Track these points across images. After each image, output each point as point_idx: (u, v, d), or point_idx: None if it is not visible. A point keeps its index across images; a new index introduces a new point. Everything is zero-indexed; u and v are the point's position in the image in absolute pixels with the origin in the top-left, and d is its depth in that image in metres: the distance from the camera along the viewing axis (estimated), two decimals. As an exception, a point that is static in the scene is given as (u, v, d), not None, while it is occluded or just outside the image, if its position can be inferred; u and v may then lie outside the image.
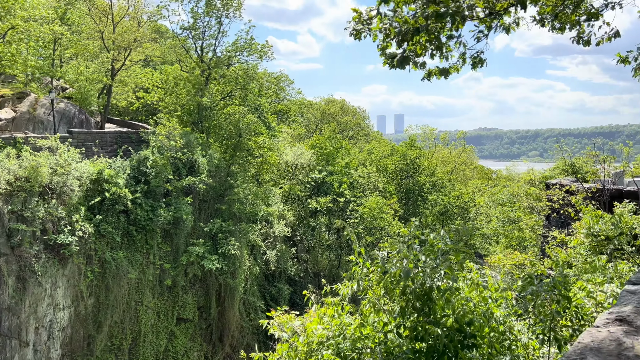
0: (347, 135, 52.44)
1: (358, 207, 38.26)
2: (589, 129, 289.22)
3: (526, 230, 23.18)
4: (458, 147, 56.11)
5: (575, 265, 10.98)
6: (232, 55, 35.17)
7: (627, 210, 10.86)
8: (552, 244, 13.57)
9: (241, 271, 29.71)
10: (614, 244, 10.12)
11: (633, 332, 2.91)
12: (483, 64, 7.48)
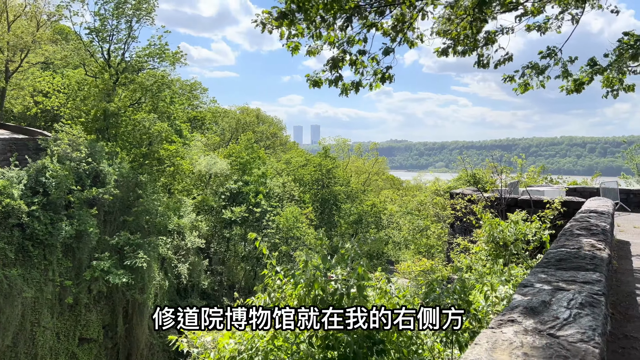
0: (263, 144, 52.28)
1: (274, 217, 38.14)
2: (489, 141, 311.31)
3: (433, 238, 24.44)
4: (371, 158, 58.05)
5: (476, 270, 11.71)
6: (143, 61, 33.80)
7: (520, 217, 11.79)
8: (456, 250, 14.38)
9: (150, 286, 28.39)
10: (510, 249, 10.93)
11: (522, 332, 3.14)
12: (391, 80, 7.81)
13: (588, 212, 9.92)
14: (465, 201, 15.23)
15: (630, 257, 10.64)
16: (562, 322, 3.34)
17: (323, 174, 44.02)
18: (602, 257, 5.53)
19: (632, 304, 7.07)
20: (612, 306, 6.89)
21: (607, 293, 4.49)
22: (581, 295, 3.89)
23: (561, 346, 2.89)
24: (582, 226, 7.84)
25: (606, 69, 11.04)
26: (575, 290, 4.08)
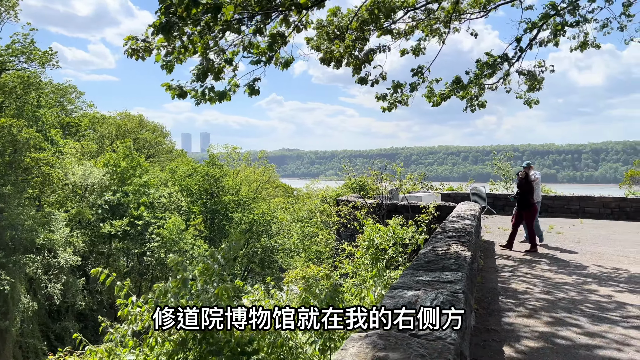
0: (146, 152, 49.66)
1: (159, 230, 36.31)
2: (376, 150, 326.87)
3: (322, 244, 24.89)
4: (261, 166, 57.89)
5: (359, 274, 12.07)
6: (7, 61, 30.47)
7: (398, 223, 12.41)
8: (342, 255, 14.74)
9: (15, 310, 25.46)
10: (388, 253, 11.42)
11: (386, 334, 3.19)
12: (257, 94, 7.78)
13: (457, 216, 10.68)
14: (349, 208, 15.71)
15: (494, 256, 11.67)
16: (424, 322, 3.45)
17: (211, 183, 42.93)
18: (465, 258, 5.92)
19: (494, 299, 7.70)
20: (477, 302, 7.45)
21: (467, 291, 4.80)
22: (443, 295, 4.09)
23: (420, 345, 2.98)
24: (449, 229, 8.40)
25: (467, 86, 12.08)
26: (438, 290, 4.28)
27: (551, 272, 9.86)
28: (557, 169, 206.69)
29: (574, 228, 17.14)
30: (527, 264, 10.71)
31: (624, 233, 16.02)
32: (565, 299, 7.78)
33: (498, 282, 8.96)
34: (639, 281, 9.20)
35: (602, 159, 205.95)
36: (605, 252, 12.29)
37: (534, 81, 12.47)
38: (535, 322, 6.50)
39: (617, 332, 6.16)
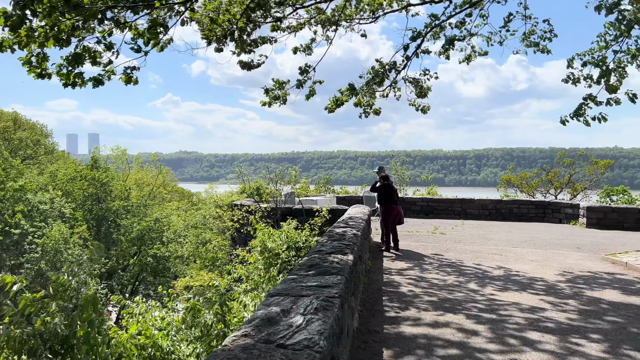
0: (22, 154, 45.08)
1: (38, 240, 33.02)
2: (277, 154, 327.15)
3: (218, 251, 24.24)
4: (155, 170, 55.19)
5: (252, 280, 11.83)
6: None
7: (292, 226, 12.38)
8: (235, 261, 14.39)
9: None
10: (281, 257, 11.32)
11: (251, 346, 3.03)
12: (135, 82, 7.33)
13: (346, 219, 10.86)
14: (243, 212, 15.41)
15: (382, 257, 12.05)
16: (294, 330, 3.35)
17: (97, 188, 40.04)
18: (347, 261, 5.96)
19: (378, 300, 7.89)
20: (362, 303, 7.58)
21: (345, 295, 4.79)
22: (318, 300, 4.03)
23: (284, 356, 2.85)
24: (336, 232, 8.48)
25: (359, 93, 12.41)
26: (315, 295, 4.22)
27: (434, 272, 10.37)
28: (444, 173, 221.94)
29: (456, 228, 18.33)
30: (413, 265, 11.18)
31: (498, 232, 17.44)
32: (447, 298, 8.19)
33: (384, 283, 9.22)
34: (510, 278, 9.98)
35: (483, 164, 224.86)
36: (482, 251, 13.24)
37: (421, 89, 13.12)
38: (416, 322, 6.73)
39: (496, 330, 6.57)
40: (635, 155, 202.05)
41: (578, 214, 20.65)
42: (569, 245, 14.68)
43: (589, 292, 8.81)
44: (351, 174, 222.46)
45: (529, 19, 12.56)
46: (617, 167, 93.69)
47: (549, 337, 6.19)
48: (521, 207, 22.72)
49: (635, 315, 7.35)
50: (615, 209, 19.98)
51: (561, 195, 34.69)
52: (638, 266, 11.18)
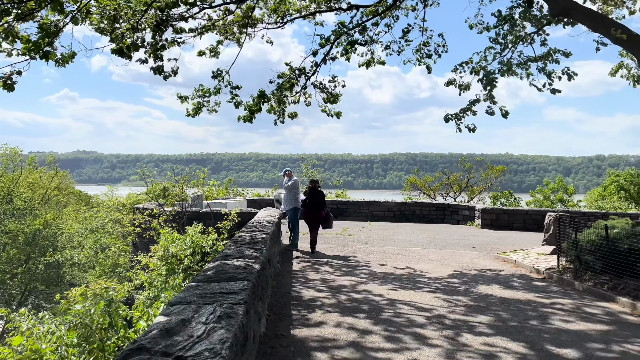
0: None
1: None
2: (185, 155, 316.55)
3: (119, 257, 22.85)
4: (50, 171, 50.97)
5: (155, 286, 11.27)
6: None
7: (197, 231, 11.98)
8: (137, 267, 13.65)
9: None
10: (185, 263, 10.90)
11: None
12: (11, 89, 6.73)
13: (255, 223, 10.72)
14: (145, 216, 14.68)
15: (292, 260, 12.05)
16: (195, 340, 3.20)
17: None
18: (254, 266, 5.85)
19: (286, 304, 7.85)
20: (270, 308, 7.50)
21: (251, 300, 4.69)
22: (222, 308, 3.89)
23: (183, 370, 2.70)
24: (245, 236, 8.33)
25: (270, 99, 12.33)
26: (218, 303, 4.07)
27: (341, 274, 10.55)
28: (353, 177, 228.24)
29: (363, 230, 18.85)
30: (321, 267, 11.28)
31: (402, 233, 18.19)
32: (353, 299, 8.34)
33: (292, 286, 9.21)
34: (411, 277, 10.42)
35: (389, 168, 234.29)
36: (387, 251, 13.72)
37: (330, 95, 13.32)
38: (322, 324, 6.77)
39: (396, 328, 6.78)
40: (523, 161, 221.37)
41: (474, 215, 22.14)
42: (465, 245, 15.67)
43: (481, 289, 9.44)
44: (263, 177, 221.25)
45: (425, 31, 13.26)
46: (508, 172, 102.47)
47: (444, 332, 6.52)
48: (423, 209, 23.92)
49: (517, 309, 7.98)
50: (506, 211, 21.69)
51: (460, 197, 37.02)
52: (525, 263, 12.19)
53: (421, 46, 13.45)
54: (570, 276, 10.46)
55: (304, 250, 13.52)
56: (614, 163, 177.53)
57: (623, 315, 7.92)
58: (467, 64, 12.11)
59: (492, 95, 11.71)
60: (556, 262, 11.59)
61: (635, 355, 5.96)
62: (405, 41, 13.57)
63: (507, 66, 11.83)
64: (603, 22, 9.52)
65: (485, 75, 11.63)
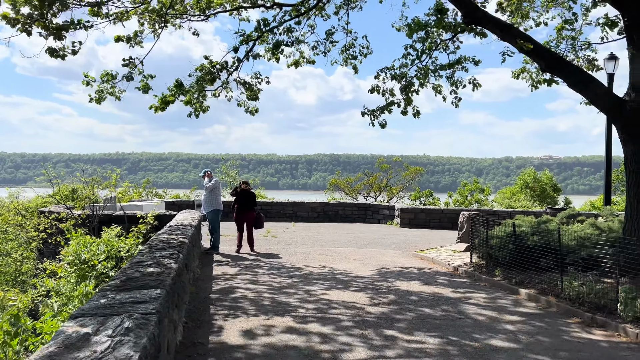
0: None
1: None
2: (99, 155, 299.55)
3: (21, 264, 21.08)
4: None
5: (64, 294, 10.49)
6: None
7: (112, 235, 11.31)
8: (42, 275, 12.65)
9: None
10: (98, 269, 10.23)
11: (39, 384, 2.55)
12: None
13: (173, 226, 10.29)
14: (51, 220, 13.63)
15: (212, 264, 11.71)
16: (98, 356, 2.94)
17: None
18: (170, 272, 5.56)
19: (206, 310, 7.57)
20: (188, 315, 7.19)
21: (165, 309, 4.43)
22: (131, 319, 3.63)
23: (82, 392, 2.45)
24: (162, 240, 7.95)
25: (188, 90, 11.88)
26: (128, 313, 3.79)
27: (264, 275, 10.39)
28: (278, 177, 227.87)
29: (288, 231, 18.79)
30: (244, 269, 11.06)
31: (325, 233, 18.34)
32: (277, 301, 8.22)
33: (213, 290, 8.93)
34: (335, 277, 10.48)
35: (314, 169, 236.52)
36: (311, 252, 13.74)
37: (252, 91, 13.09)
38: (244, 329, 6.59)
39: (321, 329, 6.74)
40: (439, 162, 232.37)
41: (394, 214, 22.82)
42: (386, 243, 16.08)
43: (401, 286, 9.69)
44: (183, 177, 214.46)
45: (350, 33, 13.46)
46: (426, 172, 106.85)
47: (368, 330, 6.59)
48: (346, 209, 24.30)
49: (435, 304, 8.27)
50: (424, 210, 22.56)
51: (380, 197, 38.06)
52: (441, 260, 12.71)
53: (346, 48, 13.61)
54: (482, 272, 11.03)
55: (226, 253, 13.21)
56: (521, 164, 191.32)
57: (528, 306, 8.46)
58: (389, 70, 12.38)
59: (410, 100, 12.08)
60: (469, 259, 12.18)
61: (541, 346, 6.36)
62: (331, 42, 13.66)
63: (424, 72, 12.25)
64: (510, 32, 10.13)
65: (404, 83, 11.98)
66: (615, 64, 14.88)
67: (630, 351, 6.24)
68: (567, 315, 7.91)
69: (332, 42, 13.67)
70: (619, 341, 6.66)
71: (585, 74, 10.08)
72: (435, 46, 12.38)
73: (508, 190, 41.71)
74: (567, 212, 14.67)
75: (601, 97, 9.70)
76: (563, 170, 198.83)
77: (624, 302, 7.41)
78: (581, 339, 6.70)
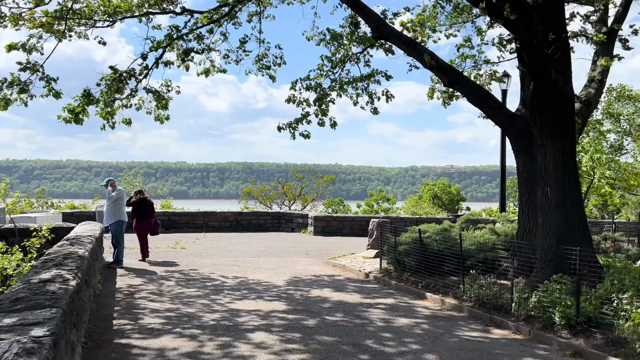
0: None
1: None
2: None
3: None
4: None
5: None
6: None
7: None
8: None
9: None
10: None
11: None
12: None
13: (72, 239, 9.57)
14: None
15: (115, 278, 11.02)
16: (-21, 389, 2.61)
17: None
18: (67, 289, 5.14)
19: (108, 328, 7.10)
20: (88, 334, 6.69)
21: (61, 331, 4.07)
22: (20, 343, 3.28)
23: None
24: (58, 254, 7.34)
25: (98, 100, 11.21)
26: (15, 338, 3.43)
27: (173, 289, 9.97)
28: (188, 186, 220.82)
29: (198, 242, 18.22)
30: (150, 283, 10.53)
31: (238, 243, 18.03)
32: (185, 314, 7.90)
33: (116, 306, 8.40)
34: (247, 287, 10.30)
35: (226, 177, 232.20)
36: (222, 263, 13.41)
37: (162, 100, 12.60)
38: (148, 345, 6.25)
39: (229, 340, 6.56)
40: (350, 171, 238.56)
41: (307, 223, 22.99)
42: (299, 252, 16.14)
43: (314, 294, 9.75)
44: (83, 186, 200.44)
45: (262, 42, 13.43)
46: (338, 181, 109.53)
47: (279, 336, 6.53)
48: (259, 218, 24.09)
49: (345, 311, 8.42)
50: (336, 218, 22.98)
51: (294, 206, 38.22)
52: (352, 267, 12.98)
53: (260, 57, 13.54)
54: (391, 277, 11.42)
55: (130, 266, 12.52)
56: (425, 173, 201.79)
57: (433, 309, 8.87)
58: (304, 80, 12.49)
59: (325, 111, 12.26)
60: (379, 265, 12.56)
61: (444, 347, 6.67)
62: (244, 51, 13.51)
63: (339, 84, 12.51)
64: (416, 49, 10.67)
65: (319, 93, 12.15)
66: (508, 80, 16.22)
67: (523, 347, 6.75)
68: (469, 316, 8.40)
69: (245, 51, 13.55)
70: (513, 338, 7.18)
71: (483, 90, 10.84)
72: (348, 58, 12.71)
73: (414, 199, 43.84)
74: (466, 217, 15.68)
75: (496, 112, 10.48)
76: (463, 179, 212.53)
77: (517, 302, 8.01)
78: (481, 337, 7.14)
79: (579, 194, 9.73)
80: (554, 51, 9.17)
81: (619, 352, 6.08)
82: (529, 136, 9.91)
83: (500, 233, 11.82)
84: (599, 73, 12.02)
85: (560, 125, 9.55)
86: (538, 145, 9.69)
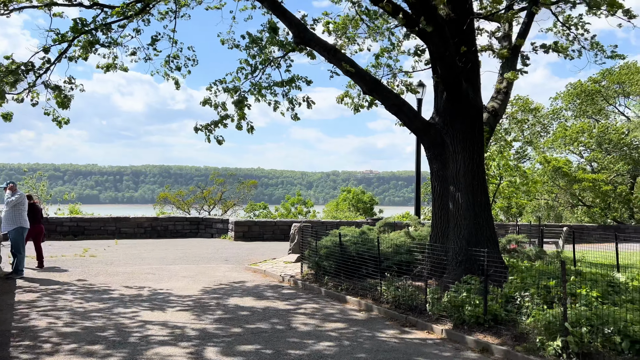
0: None
1: None
2: None
3: None
4: None
5: None
6: None
7: None
8: None
9: None
10: None
11: None
12: None
13: (-39, 248, 8.64)
14: None
15: (15, 291, 10.12)
16: None
17: None
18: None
19: (4, 345, 6.47)
20: None
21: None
22: None
23: None
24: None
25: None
26: None
27: (79, 300, 9.31)
28: (99, 190, 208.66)
29: (109, 249, 17.22)
30: (52, 295, 9.76)
31: (153, 250, 17.26)
32: (90, 327, 7.38)
33: (14, 321, 7.68)
34: (160, 297, 9.86)
35: (141, 181, 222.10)
36: (135, 272, 12.75)
37: (63, 97, 11.74)
38: (49, 365, 5.76)
39: (139, 355, 6.20)
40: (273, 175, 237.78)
41: (228, 228, 22.54)
42: (219, 258, 15.75)
43: (232, 301, 9.53)
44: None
45: (176, 43, 13.00)
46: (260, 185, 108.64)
47: (191, 349, 6.29)
48: (177, 224, 23.27)
49: (265, 318, 8.32)
50: (257, 222, 22.73)
51: (214, 211, 37.32)
52: (273, 272, 12.87)
53: (170, 58, 13.05)
54: (312, 281, 11.45)
55: (32, 277, 11.56)
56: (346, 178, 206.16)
57: (353, 312, 9.00)
58: (222, 83, 12.22)
59: (243, 115, 12.07)
60: (300, 269, 12.56)
61: (362, 349, 6.77)
62: (154, 49, 12.97)
63: (258, 88, 12.39)
64: (336, 56, 10.82)
65: (237, 97, 11.95)
66: (423, 90, 16.94)
67: (436, 346, 7.01)
68: (387, 317, 8.61)
69: (156, 50, 13.01)
70: (427, 337, 7.45)
71: (399, 99, 11.21)
72: (268, 63, 12.62)
73: (333, 203, 44.62)
74: (384, 221, 16.14)
75: (412, 120, 10.88)
76: (382, 184, 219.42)
77: (431, 302, 8.33)
78: (398, 338, 7.33)
79: (487, 199, 10.32)
80: (464, 63, 9.68)
81: (522, 347, 6.49)
82: (442, 144, 10.37)
83: (415, 236, 12.27)
84: (504, 86, 12.88)
85: (470, 133, 10.09)
86: (450, 152, 10.17)
